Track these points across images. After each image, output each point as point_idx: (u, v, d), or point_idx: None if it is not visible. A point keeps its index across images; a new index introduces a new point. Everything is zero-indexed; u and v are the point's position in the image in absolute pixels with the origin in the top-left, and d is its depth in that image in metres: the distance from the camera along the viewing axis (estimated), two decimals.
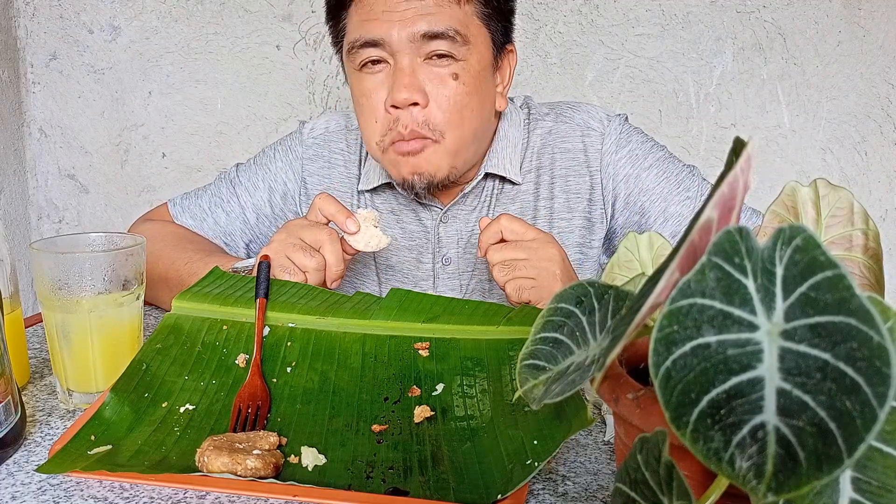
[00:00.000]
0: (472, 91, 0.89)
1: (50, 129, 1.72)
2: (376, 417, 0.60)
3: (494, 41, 0.92)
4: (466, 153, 0.93)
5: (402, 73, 0.87)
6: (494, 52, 0.93)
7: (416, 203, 1.02)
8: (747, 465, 0.26)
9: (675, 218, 0.96)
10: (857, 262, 0.42)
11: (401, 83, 0.87)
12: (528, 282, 0.79)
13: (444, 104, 0.88)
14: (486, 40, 0.91)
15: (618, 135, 0.99)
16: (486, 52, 0.91)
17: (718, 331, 0.28)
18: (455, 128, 0.89)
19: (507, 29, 0.95)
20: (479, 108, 0.92)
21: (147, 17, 1.64)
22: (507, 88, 0.98)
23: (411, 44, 0.87)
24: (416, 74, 0.88)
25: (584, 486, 0.53)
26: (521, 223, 0.82)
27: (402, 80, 0.87)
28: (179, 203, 1.09)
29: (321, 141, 1.07)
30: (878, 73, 1.46)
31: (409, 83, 0.87)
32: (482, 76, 0.91)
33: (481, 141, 0.96)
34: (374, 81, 0.90)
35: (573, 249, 1.00)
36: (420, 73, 0.88)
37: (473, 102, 0.90)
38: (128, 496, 0.50)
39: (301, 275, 0.81)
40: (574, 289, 0.40)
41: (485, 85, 0.92)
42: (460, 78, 0.88)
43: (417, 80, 0.88)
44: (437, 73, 0.88)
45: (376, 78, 0.90)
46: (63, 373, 0.66)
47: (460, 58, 0.88)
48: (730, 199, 0.31)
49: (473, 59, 0.89)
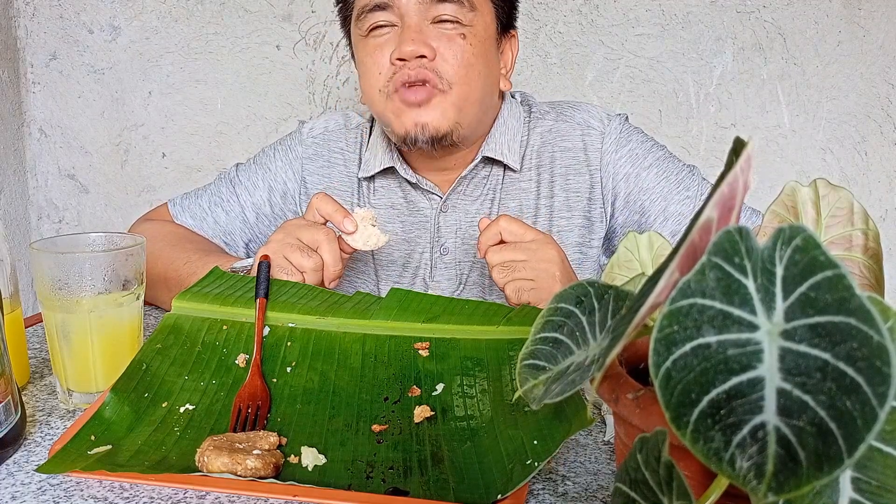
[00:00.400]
0: (478, 53, 0.91)
1: (50, 129, 1.72)
2: (376, 417, 0.60)
3: (500, 18, 0.95)
4: (471, 111, 0.93)
5: (410, 30, 0.89)
6: (499, 29, 0.95)
7: (416, 189, 1.02)
8: (747, 465, 0.26)
9: (675, 217, 0.96)
10: (857, 262, 0.42)
11: (408, 37, 0.88)
12: (527, 283, 0.79)
13: (451, 59, 0.90)
14: (491, 14, 0.94)
15: (618, 134, 0.99)
16: (492, 24, 0.94)
17: (718, 331, 0.28)
18: (462, 82, 0.90)
19: (511, 14, 0.98)
20: (485, 73, 0.93)
21: (147, 17, 1.64)
22: (510, 72, 1.00)
23: (420, 5, 0.89)
24: (423, 32, 0.89)
25: (584, 486, 0.53)
26: (520, 224, 0.82)
27: (410, 34, 0.89)
28: (179, 203, 1.09)
29: (321, 140, 1.07)
30: (878, 73, 1.46)
31: (416, 38, 0.88)
32: (488, 43, 0.93)
33: (485, 110, 0.96)
34: (380, 42, 0.92)
35: (573, 249, 1.00)
36: (428, 32, 0.90)
37: (480, 64, 0.92)
38: (128, 496, 0.50)
39: (299, 275, 0.81)
40: (574, 289, 0.40)
41: (491, 53, 0.94)
42: (467, 39, 0.90)
43: (425, 36, 0.89)
44: (444, 33, 0.90)
45: (383, 39, 0.92)
46: (63, 373, 0.66)
47: (467, 23, 0.90)
48: (730, 198, 0.31)
49: (479, 26, 0.91)
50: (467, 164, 1.00)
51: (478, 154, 0.99)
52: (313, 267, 0.81)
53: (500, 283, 0.80)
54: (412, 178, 1.00)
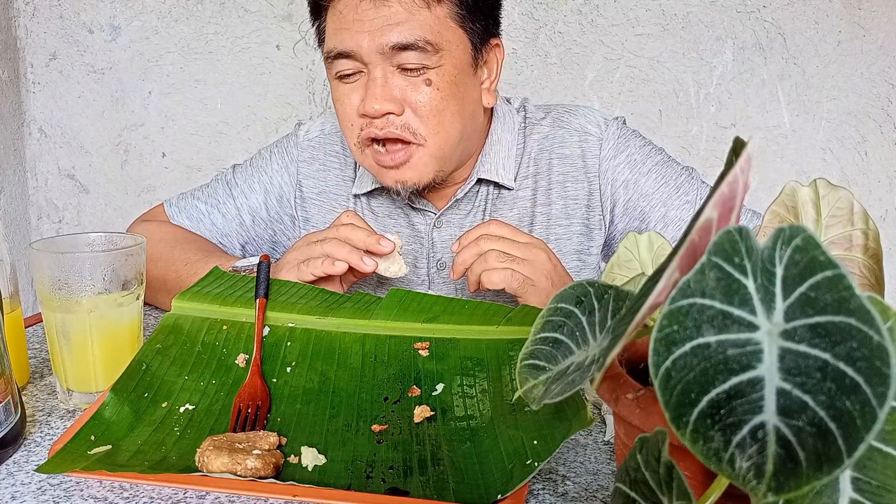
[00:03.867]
0: (448, 96, 0.87)
1: (50, 129, 1.72)
2: (376, 417, 0.60)
3: (473, 41, 0.89)
4: (452, 155, 0.92)
5: (374, 84, 0.86)
6: (473, 52, 0.90)
7: (409, 208, 1.01)
8: (747, 465, 0.26)
9: (676, 223, 0.96)
10: (857, 262, 0.42)
11: (373, 94, 0.85)
12: (520, 276, 0.78)
13: (420, 110, 0.87)
14: (462, 42, 0.88)
15: (616, 139, 0.98)
16: (463, 54, 0.89)
17: (718, 331, 0.28)
18: (435, 132, 0.88)
19: (489, 25, 0.92)
20: (459, 112, 0.89)
21: (147, 17, 1.64)
22: (495, 83, 0.96)
23: (381, 55, 0.85)
24: (388, 84, 0.86)
25: (584, 486, 0.53)
26: (511, 228, 0.82)
27: (374, 90, 0.85)
28: (176, 204, 1.09)
29: (316, 144, 1.07)
30: (878, 73, 1.47)
31: (381, 94, 0.85)
32: (459, 79, 0.88)
33: (468, 141, 0.94)
34: (348, 89, 0.89)
35: (571, 256, 0.99)
36: (393, 82, 0.86)
37: (452, 106, 0.88)
38: (128, 496, 0.50)
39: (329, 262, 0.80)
40: (574, 289, 0.40)
41: (463, 88, 0.89)
42: (434, 83, 0.86)
43: (390, 89, 0.86)
44: (410, 81, 0.86)
45: (351, 85, 0.89)
46: (63, 373, 0.66)
47: (433, 66, 0.86)
48: (730, 199, 0.31)
49: (448, 64, 0.87)
50: (461, 181, 0.99)
51: (472, 174, 0.98)
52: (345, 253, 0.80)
53: (499, 266, 0.78)
54: (404, 197, 0.99)
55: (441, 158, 0.90)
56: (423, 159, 0.89)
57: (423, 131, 0.87)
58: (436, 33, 0.85)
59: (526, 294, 0.78)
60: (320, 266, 0.80)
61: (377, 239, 0.81)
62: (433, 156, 0.89)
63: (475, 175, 0.97)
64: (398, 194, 0.92)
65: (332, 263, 0.80)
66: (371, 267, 0.81)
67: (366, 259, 0.80)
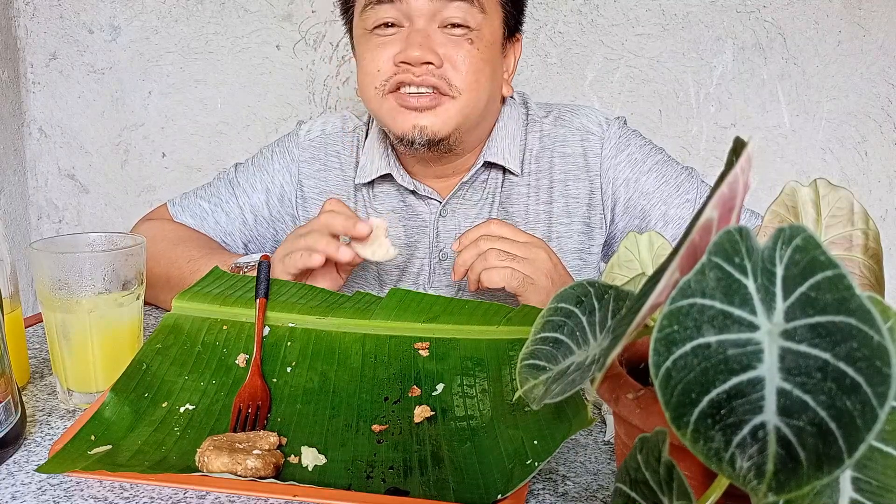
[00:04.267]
0: (486, 58, 0.90)
1: (50, 129, 1.72)
2: (376, 417, 0.60)
3: (506, 24, 0.94)
4: (474, 117, 0.92)
5: (417, 34, 0.87)
6: (505, 34, 0.94)
7: (414, 195, 1.01)
8: (748, 465, 0.26)
9: (676, 221, 0.96)
10: (857, 262, 0.42)
11: (415, 41, 0.86)
12: (520, 275, 0.78)
13: (460, 65, 0.88)
14: (499, 18, 0.93)
15: (617, 139, 0.99)
16: (499, 29, 0.93)
17: (719, 331, 0.28)
18: (471, 88, 0.89)
19: (519, 19, 0.97)
20: (492, 79, 0.92)
21: (147, 17, 1.64)
22: (511, 77, 0.99)
23: (430, 4, 0.87)
24: (431, 37, 0.88)
25: (584, 486, 0.53)
26: (512, 228, 0.82)
27: (417, 38, 0.87)
28: (179, 203, 1.09)
29: (317, 143, 1.07)
30: (878, 73, 1.46)
31: (423, 42, 0.87)
32: (495, 49, 0.92)
33: (488, 116, 0.96)
34: (384, 40, 0.90)
35: (572, 255, 0.99)
36: (435, 38, 0.88)
37: (488, 69, 0.91)
38: (128, 496, 0.50)
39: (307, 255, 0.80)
40: (574, 289, 0.40)
41: (497, 58, 0.93)
42: (475, 43, 0.89)
43: (433, 42, 0.88)
44: (452, 38, 0.88)
45: (388, 38, 0.90)
46: (63, 373, 0.66)
47: (475, 27, 0.89)
48: (730, 199, 0.31)
49: (487, 30, 0.90)
50: (466, 169, 0.99)
51: (479, 158, 0.98)
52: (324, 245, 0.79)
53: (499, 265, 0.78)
54: (409, 184, 0.99)
55: (466, 116, 0.91)
56: (450, 110, 0.89)
57: (459, 84, 0.88)
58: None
59: (526, 293, 0.78)
60: (300, 259, 0.80)
61: (354, 223, 0.80)
62: (461, 111, 0.90)
63: (482, 159, 0.98)
64: (410, 143, 0.90)
65: (311, 256, 0.79)
66: (347, 256, 0.79)
67: (342, 249, 0.79)
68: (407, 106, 0.89)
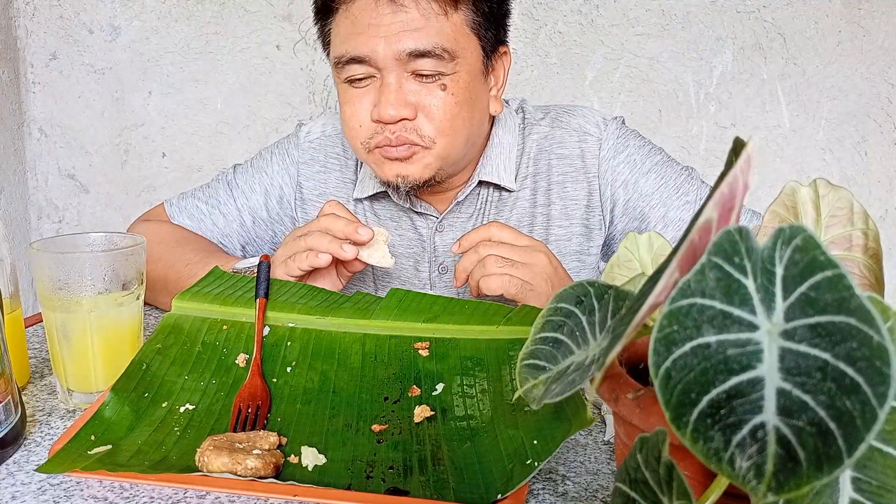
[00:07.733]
0: (461, 101, 0.87)
1: (50, 129, 1.72)
2: (376, 417, 0.60)
3: (484, 48, 0.89)
4: (455, 157, 0.91)
5: (389, 90, 0.85)
6: (485, 59, 0.90)
7: (412, 211, 1.01)
8: (747, 465, 0.26)
9: (675, 223, 0.96)
10: (857, 262, 0.42)
11: (387, 100, 0.85)
12: (518, 281, 0.78)
13: (433, 115, 0.86)
14: (475, 50, 0.88)
15: (615, 139, 0.98)
16: (476, 61, 0.89)
17: (718, 331, 0.28)
18: (445, 135, 0.87)
19: (500, 33, 0.92)
20: (470, 117, 0.89)
21: (147, 17, 1.64)
22: (502, 91, 0.96)
23: (397, 61, 0.84)
24: (402, 90, 0.85)
25: (584, 486, 0.53)
26: (512, 231, 0.82)
27: (389, 96, 0.85)
28: (176, 203, 1.09)
29: (317, 145, 1.06)
30: (878, 73, 1.47)
31: (395, 99, 0.85)
32: (472, 86, 0.88)
33: (472, 146, 0.94)
34: (360, 92, 0.89)
35: (571, 257, 0.99)
36: (407, 87, 0.86)
37: (464, 112, 0.88)
38: (128, 496, 0.50)
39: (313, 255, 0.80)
40: (574, 289, 0.40)
41: (475, 95, 0.90)
42: (449, 89, 0.86)
43: (405, 95, 0.85)
44: (425, 86, 0.86)
45: (363, 90, 0.88)
46: (63, 373, 0.66)
47: (448, 72, 0.86)
48: (729, 199, 0.31)
49: (463, 71, 0.87)
50: (462, 184, 0.98)
51: (473, 177, 0.97)
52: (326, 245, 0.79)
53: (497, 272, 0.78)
54: (405, 203, 0.99)
55: (445, 160, 0.90)
56: (426, 159, 0.88)
57: (432, 134, 0.87)
58: (452, 40, 0.85)
59: (525, 299, 0.78)
60: (305, 260, 0.80)
61: (356, 227, 0.81)
62: (437, 157, 0.89)
63: (476, 177, 0.97)
64: (397, 189, 0.91)
65: (317, 256, 0.80)
66: (351, 253, 0.80)
67: (345, 246, 0.80)
68: (389, 157, 0.88)
